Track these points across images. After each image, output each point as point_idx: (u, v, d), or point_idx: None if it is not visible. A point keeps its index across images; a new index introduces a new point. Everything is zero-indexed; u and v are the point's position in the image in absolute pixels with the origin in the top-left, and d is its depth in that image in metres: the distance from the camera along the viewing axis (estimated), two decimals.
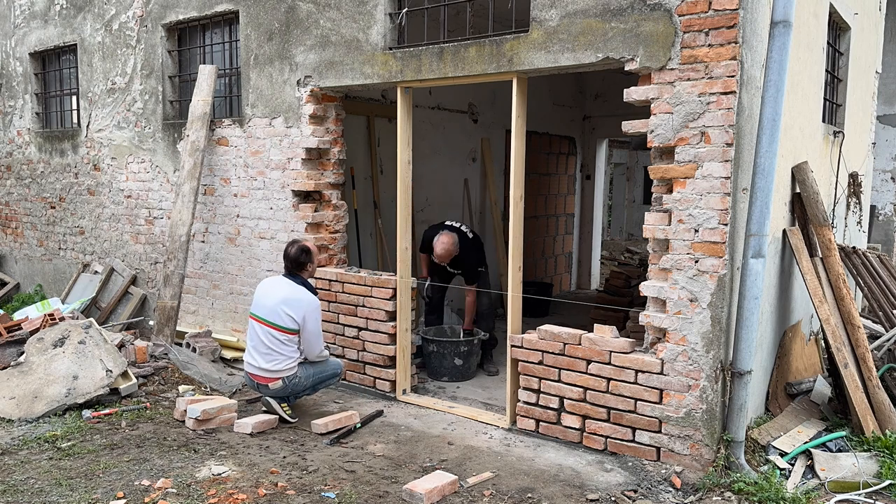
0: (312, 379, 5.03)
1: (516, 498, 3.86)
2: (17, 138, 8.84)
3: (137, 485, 3.91)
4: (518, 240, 4.87)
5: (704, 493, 3.90)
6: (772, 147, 3.97)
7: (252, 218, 6.32)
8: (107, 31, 7.44)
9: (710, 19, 3.89)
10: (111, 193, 7.64)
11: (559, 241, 10.16)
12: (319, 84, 5.68)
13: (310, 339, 4.91)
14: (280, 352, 4.84)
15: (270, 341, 4.83)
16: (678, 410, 4.12)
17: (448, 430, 4.90)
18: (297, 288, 4.91)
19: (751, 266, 4.01)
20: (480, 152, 8.49)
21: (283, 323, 4.80)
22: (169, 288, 6.30)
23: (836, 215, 6.20)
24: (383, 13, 5.26)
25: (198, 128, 6.39)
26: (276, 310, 4.81)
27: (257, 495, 3.80)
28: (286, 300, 4.83)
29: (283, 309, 4.80)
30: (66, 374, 5.17)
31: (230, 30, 6.53)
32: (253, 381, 4.99)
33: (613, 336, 4.39)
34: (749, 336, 4.03)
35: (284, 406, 4.97)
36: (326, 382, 5.15)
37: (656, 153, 4.21)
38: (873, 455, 4.19)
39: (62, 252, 8.39)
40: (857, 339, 4.66)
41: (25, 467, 4.15)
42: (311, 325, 4.87)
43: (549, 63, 4.46)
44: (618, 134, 6.39)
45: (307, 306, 4.85)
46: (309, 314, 4.85)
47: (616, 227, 18.34)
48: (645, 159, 16.71)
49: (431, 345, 6.03)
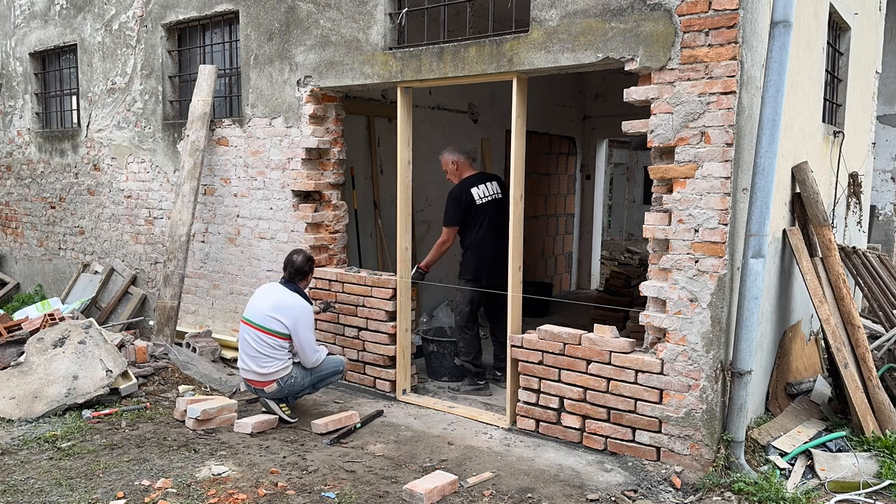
0: (311, 378, 5.02)
1: (516, 498, 3.86)
2: (17, 138, 8.84)
3: (137, 485, 3.91)
4: (518, 240, 4.87)
5: (704, 493, 3.90)
6: (772, 147, 3.97)
7: (252, 218, 6.32)
8: (107, 31, 7.44)
9: (710, 19, 3.90)
10: (111, 193, 7.64)
11: (559, 241, 10.16)
12: (319, 84, 5.68)
13: (303, 348, 4.87)
14: (270, 355, 4.81)
15: (260, 345, 4.82)
16: (678, 410, 4.12)
17: (448, 430, 4.90)
18: (291, 294, 4.92)
19: (751, 266, 4.01)
20: (480, 152, 8.48)
21: (274, 327, 4.79)
22: (169, 288, 6.30)
23: (836, 215, 6.20)
24: (383, 13, 5.26)
25: (198, 128, 6.39)
26: (266, 314, 4.82)
27: (257, 495, 3.80)
28: (278, 305, 4.83)
29: (274, 315, 4.80)
30: (66, 374, 5.17)
31: (230, 30, 6.53)
32: (249, 385, 5.00)
33: (613, 336, 4.39)
34: (749, 336, 4.03)
35: (283, 406, 4.97)
36: (327, 381, 5.14)
37: (656, 153, 4.21)
38: (873, 455, 4.19)
39: (62, 252, 8.39)
40: (857, 339, 4.66)
41: (25, 467, 4.15)
42: (302, 333, 4.83)
43: (549, 63, 4.46)
44: (618, 134, 6.39)
45: (299, 311, 4.84)
46: (300, 320, 4.82)
47: (616, 227, 18.34)
48: (645, 159, 16.71)
49: (431, 345, 6.03)
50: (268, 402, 4.95)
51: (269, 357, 4.82)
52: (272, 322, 4.79)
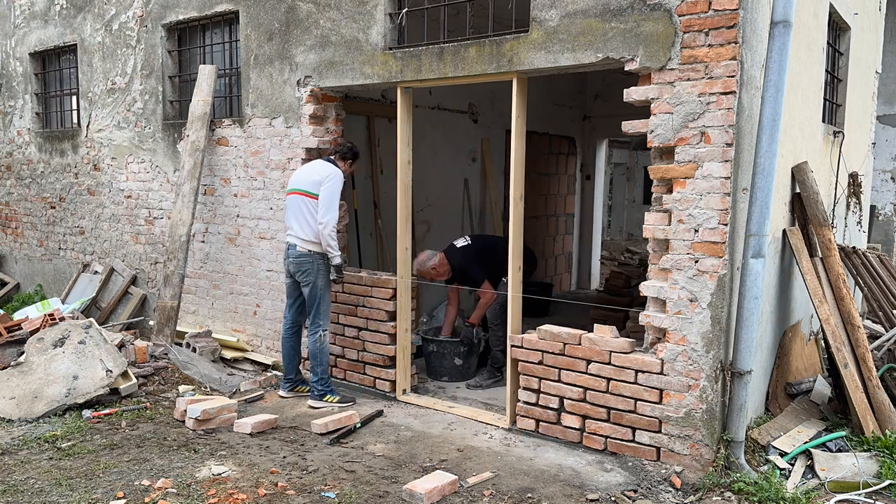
0: (317, 295, 5.28)
1: (516, 498, 3.86)
2: (17, 138, 8.84)
3: (137, 485, 3.91)
4: (518, 240, 4.87)
5: (704, 493, 3.90)
6: (772, 147, 3.97)
7: (252, 218, 6.32)
8: (107, 31, 7.44)
9: (710, 19, 3.90)
10: (111, 193, 7.64)
11: (559, 241, 10.16)
12: (319, 84, 5.68)
13: (322, 202, 5.20)
14: (308, 221, 5.26)
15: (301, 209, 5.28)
16: (678, 410, 4.12)
17: (448, 430, 4.90)
18: (328, 164, 5.38)
19: (751, 266, 4.00)
20: (480, 152, 8.48)
21: (311, 189, 5.27)
22: (169, 288, 6.30)
23: (836, 215, 6.20)
24: (383, 13, 5.26)
25: (198, 128, 6.39)
26: (306, 179, 5.34)
27: (257, 495, 3.80)
28: (315, 169, 5.36)
29: (312, 177, 5.30)
30: (66, 374, 5.18)
31: (230, 30, 6.53)
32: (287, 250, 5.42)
33: (613, 336, 4.39)
34: (749, 336, 4.03)
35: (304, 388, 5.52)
36: (318, 322, 5.31)
37: (656, 153, 4.21)
38: (873, 455, 4.19)
39: (62, 252, 8.39)
40: (857, 339, 4.66)
41: (25, 467, 4.15)
42: (326, 191, 5.22)
43: (549, 63, 4.46)
44: (618, 134, 6.39)
45: (331, 171, 5.30)
46: (329, 179, 5.25)
47: (616, 227, 18.34)
48: (645, 159, 16.71)
49: (431, 345, 6.03)
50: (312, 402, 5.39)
51: (308, 222, 5.25)
52: (311, 185, 5.28)
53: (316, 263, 5.28)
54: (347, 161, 5.48)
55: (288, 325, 5.54)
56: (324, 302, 5.32)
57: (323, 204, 5.19)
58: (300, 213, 5.28)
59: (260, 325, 6.37)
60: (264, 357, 6.27)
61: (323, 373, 5.32)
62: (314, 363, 5.31)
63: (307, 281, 5.29)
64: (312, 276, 5.27)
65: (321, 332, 5.30)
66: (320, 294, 5.29)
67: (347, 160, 5.48)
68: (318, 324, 5.30)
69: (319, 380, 5.32)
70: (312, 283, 5.28)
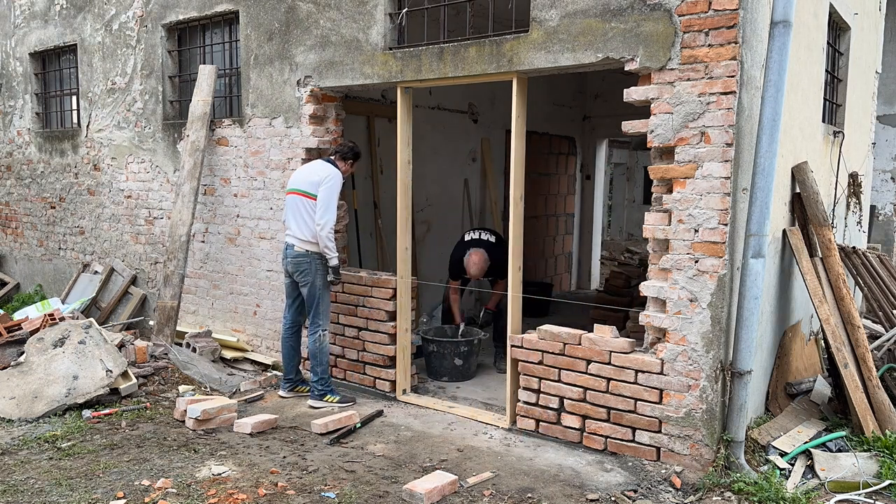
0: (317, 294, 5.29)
1: (516, 498, 3.86)
2: (17, 138, 8.84)
3: (137, 485, 3.91)
4: (518, 240, 4.87)
5: (704, 493, 3.90)
6: (772, 147, 3.97)
7: (252, 218, 6.32)
8: (107, 32, 7.44)
9: (710, 19, 3.90)
10: (111, 193, 7.64)
11: (559, 241, 10.15)
12: (319, 84, 5.68)
13: (321, 202, 5.20)
14: (307, 221, 5.27)
15: (300, 209, 5.28)
16: (678, 410, 4.12)
17: (448, 430, 4.90)
18: (328, 165, 5.38)
19: (751, 266, 4.00)
20: (480, 152, 8.48)
21: (310, 190, 5.28)
22: (169, 288, 6.30)
23: (836, 215, 6.20)
24: (383, 13, 5.26)
25: (198, 128, 6.39)
26: (305, 180, 5.35)
27: (257, 495, 3.80)
28: (314, 170, 5.36)
29: (311, 178, 5.31)
30: (66, 374, 5.17)
31: (230, 30, 6.53)
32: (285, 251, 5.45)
33: (613, 336, 4.39)
34: (749, 336, 4.03)
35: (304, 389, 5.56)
36: (318, 321, 5.31)
37: (656, 153, 4.21)
38: (873, 455, 4.19)
39: (62, 252, 8.39)
40: (857, 339, 4.66)
41: (25, 467, 4.15)
42: (324, 192, 5.22)
43: (549, 63, 4.46)
44: (618, 134, 6.39)
45: (329, 172, 5.30)
46: (327, 180, 5.25)
47: (616, 227, 18.34)
48: (645, 159, 16.71)
49: (431, 345, 6.03)
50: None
51: (306, 223, 5.25)
52: (309, 186, 5.29)
53: (314, 264, 5.28)
54: (348, 161, 5.48)
55: (287, 324, 5.54)
56: (323, 302, 5.32)
57: (321, 205, 5.19)
58: (298, 214, 5.29)
59: (260, 325, 6.38)
60: (264, 357, 6.27)
61: (323, 373, 5.33)
62: (314, 363, 5.32)
63: (305, 281, 5.29)
64: (310, 276, 5.28)
65: (321, 332, 5.30)
66: (319, 294, 5.30)
67: (348, 160, 5.47)
68: (317, 324, 5.30)
69: (319, 380, 5.32)
70: (311, 283, 5.28)
